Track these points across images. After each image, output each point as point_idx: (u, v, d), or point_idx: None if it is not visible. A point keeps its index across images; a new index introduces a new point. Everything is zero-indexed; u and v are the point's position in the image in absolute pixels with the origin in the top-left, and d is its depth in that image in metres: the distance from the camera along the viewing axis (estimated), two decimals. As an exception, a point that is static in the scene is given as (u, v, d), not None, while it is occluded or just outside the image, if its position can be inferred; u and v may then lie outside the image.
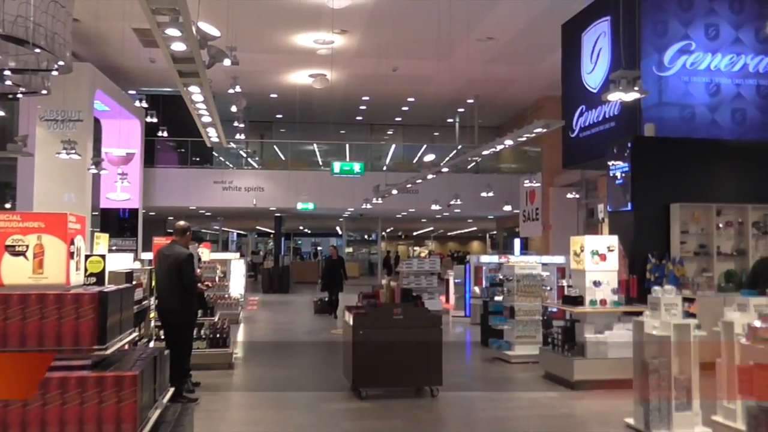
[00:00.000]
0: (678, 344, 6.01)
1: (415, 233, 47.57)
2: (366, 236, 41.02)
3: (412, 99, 22.13)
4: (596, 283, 8.45)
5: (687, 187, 10.58)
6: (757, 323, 4.83)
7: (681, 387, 5.99)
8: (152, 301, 7.36)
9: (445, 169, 15.64)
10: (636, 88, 8.44)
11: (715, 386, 6.54)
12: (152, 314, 7.45)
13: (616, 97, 8.66)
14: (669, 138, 10.99)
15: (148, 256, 10.12)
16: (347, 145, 24.85)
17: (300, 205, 22.00)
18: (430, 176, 16.07)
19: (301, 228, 40.01)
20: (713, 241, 10.46)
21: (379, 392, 7.70)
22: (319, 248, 44.09)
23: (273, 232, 30.12)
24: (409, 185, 17.78)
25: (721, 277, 10.37)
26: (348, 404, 7.48)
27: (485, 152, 12.54)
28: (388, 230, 41.72)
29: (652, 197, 10.51)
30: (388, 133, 28.21)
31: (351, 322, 7.68)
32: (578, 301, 8.41)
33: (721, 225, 10.60)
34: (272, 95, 21.55)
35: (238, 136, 14.82)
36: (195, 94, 8.38)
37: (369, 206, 21.21)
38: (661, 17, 11.50)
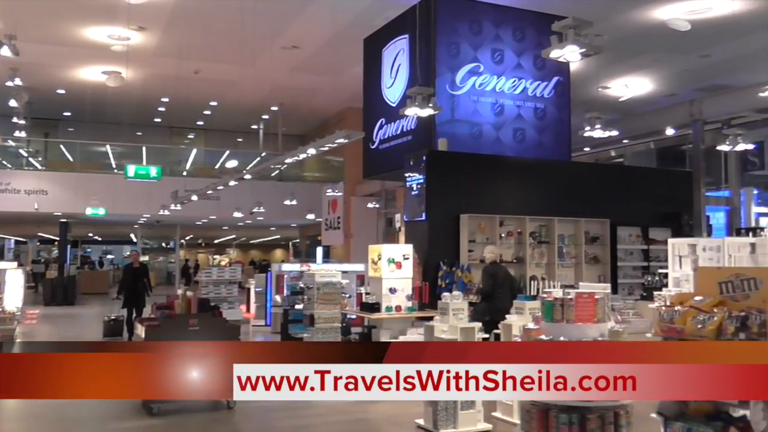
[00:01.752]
0: (464, 346, 6.40)
1: (216, 241, 46.32)
2: (163, 244, 39.20)
3: (214, 103, 21.56)
4: (392, 290, 8.78)
5: (475, 199, 11.35)
6: (531, 325, 5.28)
7: (466, 387, 6.37)
8: None
9: (247, 176, 15.41)
10: (430, 105, 8.96)
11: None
12: None
13: (413, 112, 9.12)
14: (460, 153, 11.72)
15: None
16: (144, 148, 23.56)
17: (89, 211, 20.48)
18: (232, 183, 15.74)
19: (90, 235, 37.24)
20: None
21: (172, 407, 7.35)
22: (109, 256, 41.27)
23: (58, 239, 27.71)
24: (210, 191, 17.28)
25: (503, 283, 11.24)
26: (138, 422, 7.05)
27: (288, 160, 12.56)
28: (188, 238, 40.20)
29: (444, 208, 11.13)
30: (189, 137, 27.22)
31: (143, 335, 7.27)
32: (375, 307, 8.68)
33: (503, 235, 11.50)
34: (59, 91, 19.86)
35: (17, 134, 13.46)
36: (-38, 83, 7.47)
37: (167, 213, 20.30)
38: (454, 39, 12.27)
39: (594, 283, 9.96)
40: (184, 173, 23.52)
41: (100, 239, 40.70)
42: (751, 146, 15.95)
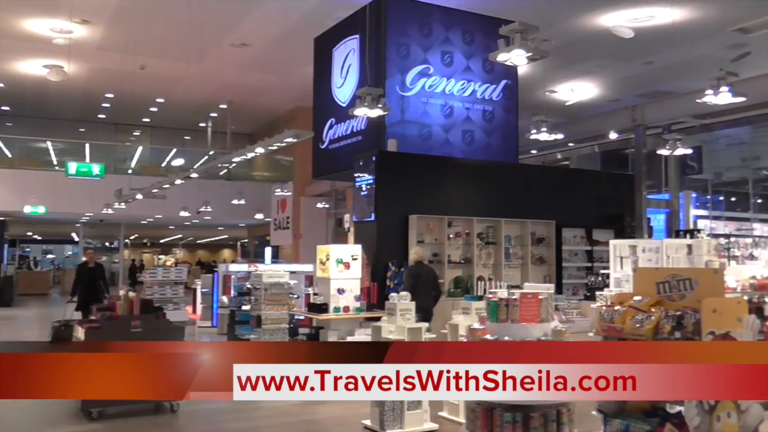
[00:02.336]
0: (411, 347, 6.43)
1: (162, 241, 45.43)
2: (107, 243, 38.20)
3: (161, 99, 21.14)
4: (340, 291, 8.76)
5: (424, 199, 11.41)
6: (476, 325, 5.33)
7: (413, 386, 6.40)
8: None
9: (194, 175, 15.16)
10: (380, 105, 8.98)
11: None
12: None
13: (362, 112, 9.13)
14: (409, 154, 11.77)
15: None
16: (87, 145, 22.94)
17: (28, 209, 19.85)
18: (178, 181, 15.46)
19: (30, 234, 36.06)
20: (445, 250, 11.40)
21: (113, 411, 7.17)
22: (50, 256, 40.01)
23: (-5, 238, 26.76)
24: (155, 190, 16.94)
25: (451, 283, 11.35)
26: (76, 427, 6.86)
27: (237, 159, 12.42)
28: (132, 237, 39.31)
29: (393, 209, 11.16)
30: (135, 134, 26.64)
31: (82, 338, 7.07)
32: (323, 308, 8.65)
33: (451, 235, 11.59)
34: (-3, 84, 19.20)
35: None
36: None
37: (110, 211, 19.83)
38: (404, 41, 12.32)
39: (540, 283, 10.14)
40: (129, 171, 22.99)
41: (40, 238, 39.46)
42: (689, 151, 16.49)
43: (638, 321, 3.70)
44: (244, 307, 11.23)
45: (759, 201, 20.97)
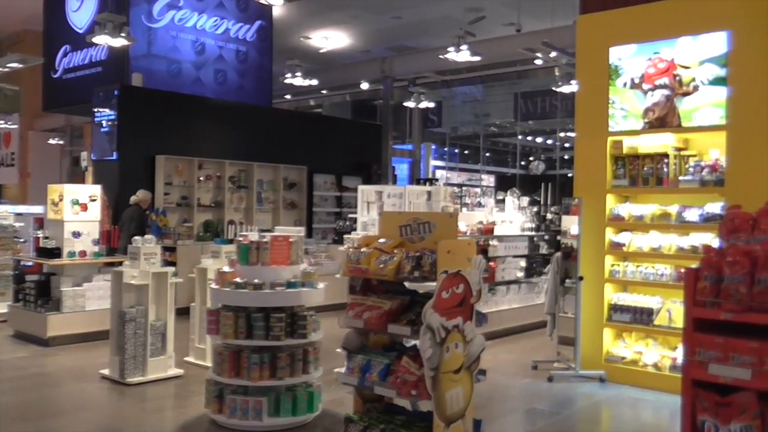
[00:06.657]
0: (155, 292, 6.15)
1: None
2: None
3: None
4: (76, 234, 8.04)
5: (172, 140, 10.84)
6: (226, 268, 5.24)
7: (156, 333, 6.15)
8: None
9: None
10: (123, 35, 8.29)
11: (188, 329, 6.94)
12: None
13: (102, 40, 8.39)
14: (156, 90, 11.07)
15: None
16: None
17: None
18: None
19: None
20: (194, 193, 11.01)
21: None
22: None
23: None
24: None
25: (201, 227, 11.03)
26: None
27: (-54, 83, 10.71)
28: None
29: (138, 148, 10.47)
30: None
31: None
32: (55, 253, 7.88)
33: (202, 178, 11.21)
34: None
35: None
36: None
37: None
38: (152, -33, 11.42)
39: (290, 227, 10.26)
40: None
41: None
42: (432, 105, 17.71)
43: (382, 262, 3.88)
44: (-43, 254, 9.85)
45: (488, 154, 23.27)
